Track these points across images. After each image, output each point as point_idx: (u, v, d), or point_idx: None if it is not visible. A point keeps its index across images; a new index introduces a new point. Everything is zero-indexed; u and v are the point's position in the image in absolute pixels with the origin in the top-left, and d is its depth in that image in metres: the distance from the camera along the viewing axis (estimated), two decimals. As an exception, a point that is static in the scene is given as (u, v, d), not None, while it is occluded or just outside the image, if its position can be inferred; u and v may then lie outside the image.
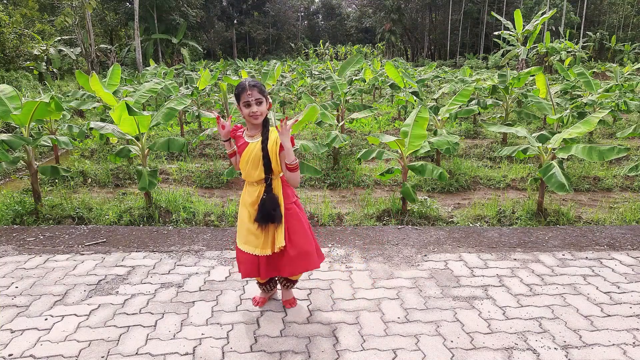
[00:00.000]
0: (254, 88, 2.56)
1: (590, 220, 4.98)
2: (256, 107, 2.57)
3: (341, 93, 8.27)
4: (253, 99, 2.55)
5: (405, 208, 5.04)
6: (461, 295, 3.17)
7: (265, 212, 2.65)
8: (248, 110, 2.58)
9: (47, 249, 3.97)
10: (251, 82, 2.58)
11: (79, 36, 19.45)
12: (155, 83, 6.79)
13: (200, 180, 6.81)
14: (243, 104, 2.59)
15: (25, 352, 2.55)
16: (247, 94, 2.54)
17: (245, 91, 2.55)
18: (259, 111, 2.58)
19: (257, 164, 2.64)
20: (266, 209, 2.65)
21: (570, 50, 26.32)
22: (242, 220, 2.80)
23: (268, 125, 2.68)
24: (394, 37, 50.27)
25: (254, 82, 2.59)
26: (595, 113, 4.61)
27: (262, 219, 2.66)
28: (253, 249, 2.73)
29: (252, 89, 2.55)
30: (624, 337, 2.70)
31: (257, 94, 2.56)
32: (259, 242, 2.71)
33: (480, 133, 10.63)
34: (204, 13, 42.47)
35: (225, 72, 23.65)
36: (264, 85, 2.64)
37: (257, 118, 2.60)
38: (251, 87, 2.55)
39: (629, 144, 9.41)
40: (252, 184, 2.75)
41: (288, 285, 3.00)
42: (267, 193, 2.68)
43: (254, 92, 2.55)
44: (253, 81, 2.60)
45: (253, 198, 2.72)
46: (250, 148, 2.66)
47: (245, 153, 2.68)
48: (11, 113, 4.60)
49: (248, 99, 2.55)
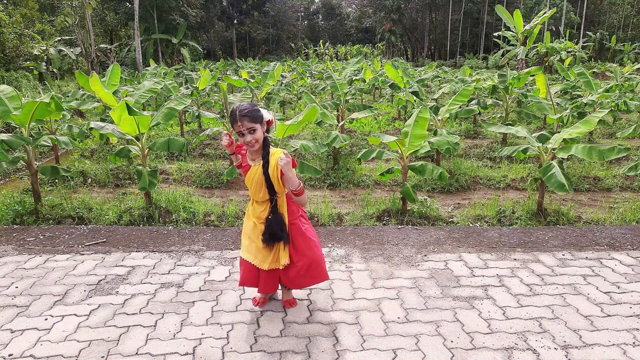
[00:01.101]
0: (245, 118, 2.49)
1: (590, 220, 4.98)
2: (250, 136, 2.55)
3: (341, 93, 8.27)
4: (245, 129, 2.52)
5: (405, 208, 5.04)
6: (461, 295, 3.17)
7: (272, 232, 2.70)
8: (242, 139, 2.58)
9: (47, 249, 3.97)
10: (242, 112, 2.50)
11: (79, 36, 19.46)
12: (155, 83, 6.79)
13: (200, 180, 6.81)
14: (237, 133, 2.58)
15: (25, 352, 2.55)
16: (238, 124, 2.51)
17: (236, 122, 2.51)
18: (253, 139, 2.56)
19: (261, 187, 2.68)
20: (273, 229, 2.70)
21: (570, 50, 26.32)
22: (245, 230, 2.87)
23: (268, 147, 2.66)
24: (394, 37, 50.27)
25: (244, 111, 2.50)
26: (595, 113, 4.61)
27: (270, 238, 2.71)
28: (253, 259, 2.78)
29: (243, 119, 2.49)
30: (624, 337, 2.69)
31: (247, 124, 2.50)
32: (260, 254, 2.77)
33: (480, 133, 10.63)
34: (204, 13, 42.46)
35: (225, 72, 23.66)
36: (257, 109, 2.57)
37: (253, 146, 2.60)
38: (242, 118, 2.49)
39: (629, 144, 9.41)
40: (257, 202, 2.80)
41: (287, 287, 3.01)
42: (272, 213, 2.72)
43: (244, 122, 2.49)
44: (244, 109, 2.51)
45: (258, 213, 2.78)
46: (253, 172, 2.69)
47: (249, 176, 2.72)
48: (11, 113, 4.60)
49: (240, 130, 2.53)
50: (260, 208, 2.77)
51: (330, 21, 65.76)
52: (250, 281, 2.84)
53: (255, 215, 2.80)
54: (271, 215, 2.72)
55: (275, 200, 2.72)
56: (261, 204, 2.77)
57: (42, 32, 27.54)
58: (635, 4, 43.67)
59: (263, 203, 2.76)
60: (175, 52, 36.04)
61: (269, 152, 2.65)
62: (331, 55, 51.39)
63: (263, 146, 2.65)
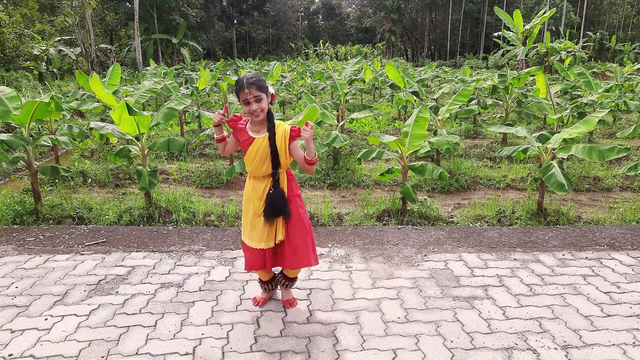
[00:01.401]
0: (252, 86, 2.50)
1: (590, 220, 4.98)
2: (255, 105, 2.54)
3: (341, 93, 8.27)
4: (252, 97, 2.51)
5: (405, 208, 5.04)
6: (461, 295, 3.17)
7: (274, 207, 2.65)
8: (248, 108, 2.56)
9: (47, 249, 3.97)
10: (249, 80, 2.51)
11: (79, 36, 19.47)
12: (155, 83, 6.79)
13: (200, 180, 6.82)
14: (242, 102, 2.57)
15: (25, 352, 2.55)
16: (245, 92, 2.50)
17: (243, 90, 2.51)
18: (259, 108, 2.55)
19: (265, 160, 2.63)
20: (275, 204, 2.65)
21: (570, 50, 26.33)
22: (246, 215, 2.79)
23: (273, 119, 2.65)
24: (394, 37, 50.28)
25: (252, 79, 2.52)
26: (595, 113, 4.61)
27: (272, 213, 2.66)
28: (257, 244, 2.73)
29: (250, 87, 2.49)
30: (624, 337, 2.69)
31: (255, 92, 2.50)
32: (264, 235, 2.71)
33: (480, 133, 10.63)
34: (204, 13, 42.46)
35: (225, 72, 23.67)
36: (263, 79, 2.58)
37: (259, 115, 2.57)
38: (249, 86, 2.49)
39: (629, 144, 9.41)
40: (258, 178, 2.73)
41: (287, 285, 3.01)
42: (274, 188, 2.67)
43: (252, 89, 2.50)
44: (251, 78, 2.53)
45: (259, 193, 2.71)
46: (257, 143, 2.63)
47: (251, 149, 2.65)
48: (11, 113, 4.60)
49: (246, 97, 2.52)
50: (261, 185, 2.71)
51: (330, 21, 65.77)
52: (258, 265, 2.77)
53: (256, 195, 2.71)
54: (272, 190, 2.66)
55: (277, 174, 2.67)
56: (261, 180, 2.71)
57: (42, 32, 27.54)
58: (635, 4, 43.67)
59: (264, 179, 2.70)
60: (175, 52, 36.05)
61: (274, 123, 2.63)
62: (331, 55, 51.39)
63: (267, 118, 2.63)
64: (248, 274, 3.48)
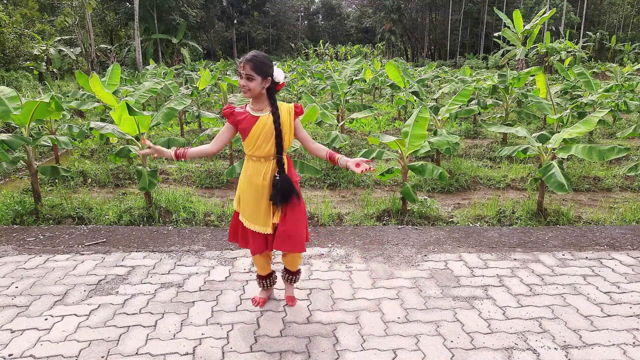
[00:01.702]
0: (248, 63, 2.50)
1: (590, 220, 4.98)
2: (245, 81, 2.53)
3: (341, 93, 8.27)
4: (243, 73, 2.51)
5: (405, 208, 5.04)
6: (461, 295, 3.17)
7: (284, 193, 2.64)
8: (239, 81, 2.58)
9: (47, 249, 3.97)
10: (248, 57, 2.53)
11: (79, 36, 19.46)
12: (155, 83, 6.79)
13: (200, 180, 6.82)
14: (237, 73, 2.61)
15: (25, 352, 2.55)
16: (241, 66, 2.52)
17: (241, 63, 2.54)
18: (247, 86, 2.53)
19: (269, 139, 2.61)
20: (285, 190, 2.64)
21: (570, 50, 26.33)
22: (247, 200, 2.73)
23: (274, 98, 2.65)
24: (394, 37, 50.27)
25: (251, 57, 2.52)
26: (595, 113, 4.61)
27: (282, 200, 2.65)
28: (262, 228, 2.71)
29: (246, 64, 2.50)
30: (624, 337, 2.70)
31: (248, 70, 2.50)
32: (268, 220, 2.71)
33: (480, 133, 10.63)
34: (204, 13, 42.45)
35: (225, 72, 23.67)
36: (265, 64, 2.53)
37: (246, 93, 2.57)
38: (246, 62, 2.51)
39: (629, 144, 9.41)
40: (258, 160, 2.68)
41: (291, 279, 3.02)
42: (280, 174, 2.66)
43: (247, 66, 2.50)
44: (252, 56, 2.53)
45: (261, 175, 2.67)
46: (262, 121, 2.60)
47: (256, 127, 2.60)
48: (11, 113, 4.60)
49: (240, 71, 2.55)
50: (262, 167, 2.66)
51: (330, 21, 65.76)
52: (262, 248, 2.76)
53: (258, 178, 2.66)
54: (279, 175, 2.65)
55: (281, 158, 2.66)
56: (263, 162, 2.66)
57: (42, 32, 27.54)
58: (635, 4, 43.67)
59: (265, 162, 2.66)
60: (175, 52, 36.04)
61: (276, 100, 2.64)
62: (331, 55, 51.38)
63: (268, 96, 2.63)
64: (248, 273, 3.49)
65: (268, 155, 2.65)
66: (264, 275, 3.02)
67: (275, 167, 2.67)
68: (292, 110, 2.66)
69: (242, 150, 8.10)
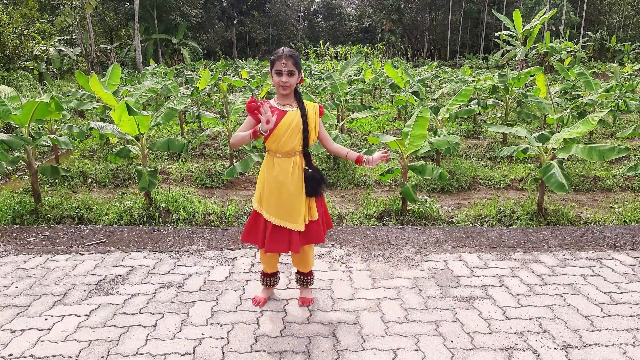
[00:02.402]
0: (290, 59, 2.56)
1: (590, 220, 4.98)
2: (286, 77, 2.58)
3: (341, 93, 8.27)
4: (286, 70, 2.56)
5: (405, 208, 5.04)
6: (461, 295, 3.17)
7: (315, 185, 2.69)
8: (278, 79, 2.60)
9: (47, 249, 3.97)
10: (288, 52, 2.58)
11: (79, 36, 19.45)
12: (155, 83, 6.79)
13: (200, 180, 6.82)
14: (275, 71, 2.61)
15: (25, 352, 2.55)
16: (282, 62, 2.55)
17: (281, 59, 2.56)
18: (288, 82, 2.59)
19: (297, 134, 2.66)
20: (317, 182, 2.70)
21: (570, 50, 26.32)
22: (274, 198, 2.71)
23: (299, 94, 2.73)
24: (394, 37, 50.26)
25: (291, 53, 2.59)
26: (595, 113, 4.61)
27: (314, 192, 2.70)
28: (294, 225, 2.71)
29: (288, 59, 2.55)
30: (624, 337, 2.70)
31: (291, 65, 2.56)
32: (300, 217, 2.72)
33: (480, 133, 10.63)
34: (204, 13, 42.44)
35: (225, 72, 23.66)
36: (299, 58, 2.65)
37: (286, 89, 2.62)
38: (287, 57, 2.56)
39: (629, 144, 9.41)
40: (283, 157, 2.69)
41: (305, 282, 3.04)
42: (309, 167, 2.72)
43: (289, 62, 2.56)
44: (291, 52, 2.60)
45: (288, 172, 2.68)
46: (291, 116, 2.65)
47: (284, 121, 2.63)
48: (11, 113, 4.60)
49: (281, 68, 2.57)
50: (289, 164, 2.68)
51: (330, 21, 65.76)
52: (284, 247, 2.75)
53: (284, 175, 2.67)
54: (307, 168, 2.71)
55: (308, 152, 2.71)
56: (288, 158, 2.68)
57: (42, 32, 27.53)
58: (635, 4, 43.67)
59: (290, 158, 2.69)
60: (175, 52, 36.04)
61: (301, 97, 2.72)
62: (331, 55, 51.37)
63: (296, 94, 2.71)
64: (248, 273, 3.49)
65: (293, 150, 2.68)
66: (270, 273, 3.02)
67: (301, 162, 2.73)
68: (317, 109, 2.76)
69: (242, 150, 8.10)
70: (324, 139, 2.84)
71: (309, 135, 2.68)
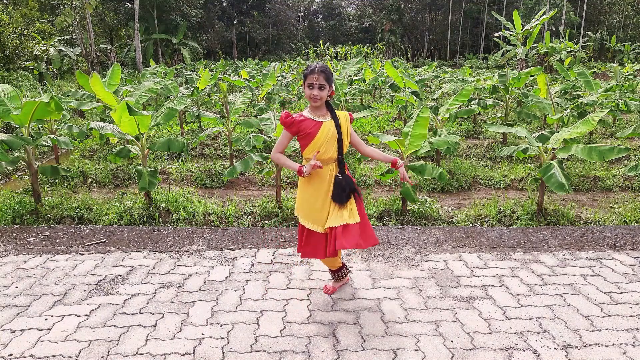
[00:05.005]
0: (322, 74, 2.70)
1: (590, 220, 4.98)
2: (317, 91, 2.71)
3: (341, 93, 8.27)
4: (317, 84, 2.71)
5: (405, 208, 5.04)
6: (461, 295, 3.17)
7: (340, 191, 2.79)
8: (310, 92, 2.74)
9: (47, 249, 3.97)
10: (320, 68, 2.72)
11: (79, 36, 19.44)
12: (155, 83, 6.79)
13: (200, 180, 6.82)
14: (307, 84, 2.76)
15: (25, 352, 2.55)
16: (314, 77, 2.70)
17: (313, 74, 2.71)
18: (319, 95, 2.73)
19: (333, 142, 2.81)
20: (348, 188, 2.80)
21: (570, 50, 26.32)
22: (314, 206, 2.85)
23: (331, 106, 2.88)
24: (394, 37, 50.24)
25: (323, 68, 2.72)
26: (595, 113, 4.61)
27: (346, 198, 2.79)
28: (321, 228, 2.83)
29: (320, 74, 2.70)
30: (624, 337, 2.70)
31: (322, 80, 2.70)
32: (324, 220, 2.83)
33: (480, 133, 10.63)
34: (204, 13, 42.45)
35: (225, 72, 23.67)
36: (332, 73, 2.77)
37: (317, 101, 2.76)
38: (319, 72, 2.70)
39: (629, 144, 9.41)
40: (324, 164, 2.82)
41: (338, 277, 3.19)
42: (341, 174, 2.84)
43: (320, 77, 2.70)
44: (323, 67, 2.73)
45: (325, 179, 2.84)
46: (327, 126, 2.80)
47: (322, 132, 2.78)
48: (11, 113, 4.60)
49: (313, 82, 2.71)
50: (326, 171, 2.83)
51: (330, 21, 65.73)
52: (319, 254, 2.89)
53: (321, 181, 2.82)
54: (340, 176, 2.82)
55: (342, 159, 2.83)
56: (326, 166, 2.82)
57: (42, 32, 27.54)
58: (635, 4, 43.68)
59: (328, 165, 2.83)
60: (175, 52, 36.04)
61: (333, 108, 2.87)
62: (331, 55, 51.36)
63: (328, 106, 2.86)
64: (248, 274, 3.49)
65: (331, 158, 2.83)
66: (336, 269, 3.15)
67: (335, 169, 2.86)
68: (348, 117, 2.91)
69: (242, 150, 8.10)
70: (356, 143, 2.98)
71: (343, 144, 2.83)
